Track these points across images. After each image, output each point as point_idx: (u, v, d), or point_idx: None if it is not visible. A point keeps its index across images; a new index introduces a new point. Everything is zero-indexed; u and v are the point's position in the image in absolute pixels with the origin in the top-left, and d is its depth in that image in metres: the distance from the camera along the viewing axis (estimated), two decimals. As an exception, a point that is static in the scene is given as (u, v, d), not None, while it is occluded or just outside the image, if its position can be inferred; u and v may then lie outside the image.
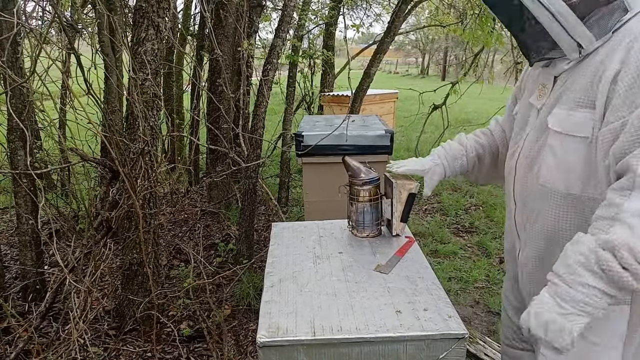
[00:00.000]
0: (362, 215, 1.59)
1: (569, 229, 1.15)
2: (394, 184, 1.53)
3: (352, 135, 2.68)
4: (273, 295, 1.30)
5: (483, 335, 2.55)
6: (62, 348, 2.08)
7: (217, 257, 3.37)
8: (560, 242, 1.13)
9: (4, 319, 2.39)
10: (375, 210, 1.60)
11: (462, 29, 4.99)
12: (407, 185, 1.53)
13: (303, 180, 2.84)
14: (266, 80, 3.02)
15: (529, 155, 1.23)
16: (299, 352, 1.12)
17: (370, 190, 1.57)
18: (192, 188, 4.45)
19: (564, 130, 1.11)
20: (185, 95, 5.24)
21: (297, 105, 5.59)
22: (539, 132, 1.21)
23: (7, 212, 4.27)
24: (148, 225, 2.37)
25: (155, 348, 2.36)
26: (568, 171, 1.12)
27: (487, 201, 4.92)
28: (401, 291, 1.31)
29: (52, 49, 2.72)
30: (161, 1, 2.19)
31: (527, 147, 1.25)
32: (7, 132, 2.46)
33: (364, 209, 1.58)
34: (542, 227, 1.21)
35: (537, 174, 1.19)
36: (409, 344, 1.12)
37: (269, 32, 8.94)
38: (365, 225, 1.61)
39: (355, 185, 1.57)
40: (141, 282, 2.47)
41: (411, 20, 13.26)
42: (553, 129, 1.14)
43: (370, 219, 1.60)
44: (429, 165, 1.51)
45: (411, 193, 1.54)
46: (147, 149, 2.25)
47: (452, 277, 3.29)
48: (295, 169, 5.17)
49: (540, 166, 1.18)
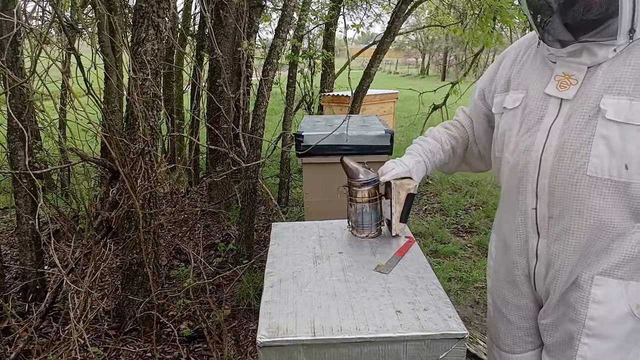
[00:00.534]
0: (362, 216, 1.58)
1: (615, 219, 1.15)
2: (392, 184, 1.51)
3: (352, 135, 2.67)
4: (273, 295, 1.30)
5: (483, 335, 2.55)
6: (62, 348, 2.08)
7: (217, 257, 3.37)
8: (605, 232, 1.15)
9: (4, 319, 2.39)
10: (375, 211, 1.58)
11: (462, 29, 4.99)
12: (406, 185, 1.51)
13: (303, 180, 2.84)
14: (266, 80, 3.02)
15: (569, 147, 1.17)
16: (299, 352, 1.12)
17: (369, 191, 1.55)
18: (192, 188, 4.45)
19: (626, 119, 1.09)
20: (185, 95, 5.24)
21: (297, 106, 5.59)
22: (581, 125, 1.16)
23: (7, 212, 4.27)
24: (148, 225, 2.37)
25: (155, 348, 2.36)
26: (625, 160, 1.11)
27: (487, 201, 4.93)
28: (401, 291, 1.31)
29: (52, 49, 2.72)
30: (161, 1, 2.19)
31: (563, 139, 1.19)
32: (7, 132, 2.46)
33: (363, 209, 1.57)
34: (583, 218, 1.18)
35: (584, 165, 1.15)
36: (409, 344, 1.12)
37: (269, 32, 8.97)
38: (365, 226, 1.60)
39: (354, 186, 1.56)
40: (141, 282, 2.47)
41: (411, 21, 13.29)
42: (611, 118, 1.11)
43: (370, 219, 1.59)
44: (412, 164, 1.51)
45: (410, 193, 1.52)
46: (147, 149, 2.26)
47: (452, 277, 3.29)
48: (295, 169, 5.18)
49: (588, 157, 1.14)
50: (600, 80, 1.14)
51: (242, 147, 3.23)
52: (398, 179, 1.51)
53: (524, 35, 6.39)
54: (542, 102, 1.25)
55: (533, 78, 1.30)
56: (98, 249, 2.42)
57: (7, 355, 2.14)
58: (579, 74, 1.18)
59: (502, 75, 1.40)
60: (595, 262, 1.20)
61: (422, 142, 1.58)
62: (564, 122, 1.19)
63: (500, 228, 1.46)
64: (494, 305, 1.52)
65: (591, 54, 1.15)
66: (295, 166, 4.81)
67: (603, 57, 1.14)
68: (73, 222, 3.18)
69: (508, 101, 1.35)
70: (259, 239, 3.68)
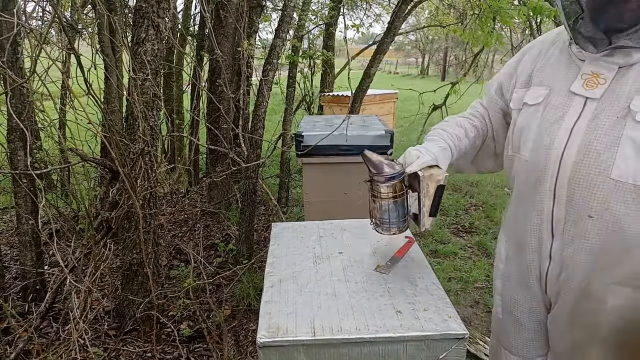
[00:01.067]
0: (387, 212, 1.41)
1: (635, 226, 1.10)
2: (420, 177, 1.35)
3: (352, 135, 2.67)
4: (273, 296, 1.30)
5: (483, 336, 2.55)
6: (62, 348, 2.08)
7: (217, 257, 3.37)
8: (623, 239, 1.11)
9: (4, 319, 2.39)
10: (401, 207, 1.41)
11: (462, 29, 4.99)
12: (435, 176, 1.35)
13: (303, 181, 2.84)
14: (266, 80, 3.02)
15: (594, 147, 1.13)
16: (299, 353, 1.12)
17: (394, 186, 1.38)
18: (192, 188, 4.45)
19: None
20: (185, 95, 5.24)
21: (297, 106, 5.59)
22: (607, 126, 1.12)
23: (7, 212, 4.27)
24: (148, 225, 2.37)
25: (155, 348, 2.36)
26: None
27: (487, 201, 4.93)
28: (401, 291, 1.31)
29: (52, 49, 2.72)
30: (161, 1, 2.19)
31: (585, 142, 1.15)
32: (7, 132, 2.46)
33: (389, 206, 1.40)
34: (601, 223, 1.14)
35: (608, 168, 1.11)
36: (409, 344, 1.12)
37: (269, 32, 8.95)
38: (392, 223, 1.43)
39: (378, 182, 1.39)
40: (141, 282, 2.47)
41: (411, 21, 13.27)
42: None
43: (397, 216, 1.42)
44: (437, 151, 1.39)
45: (440, 185, 1.36)
46: (147, 149, 2.26)
47: (452, 277, 3.29)
48: (295, 169, 5.17)
49: (614, 160, 1.10)
50: (632, 81, 1.10)
51: (242, 147, 3.23)
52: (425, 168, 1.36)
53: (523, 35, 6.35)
54: (566, 99, 1.20)
55: (558, 75, 1.25)
56: (98, 249, 2.42)
57: (7, 356, 2.14)
58: (608, 73, 1.14)
59: (523, 71, 1.35)
60: (611, 270, 1.15)
61: (446, 126, 1.47)
62: (589, 121, 1.14)
63: (513, 228, 1.39)
64: (504, 307, 1.46)
65: (625, 54, 1.12)
66: (295, 166, 4.81)
67: (637, 59, 1.10)
68: (73, 222, 3.18)
69: (529, 97, 1.29)
70: (259, 239, 3.68)
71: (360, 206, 2.68)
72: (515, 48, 4.92)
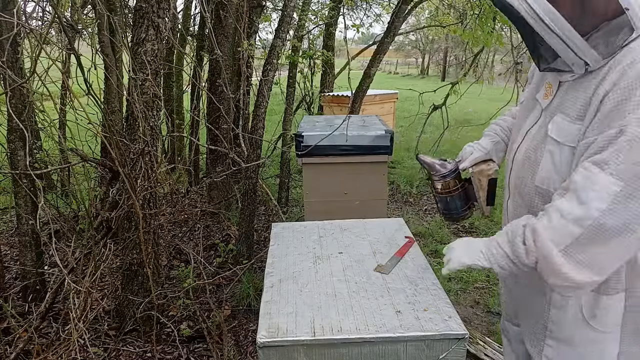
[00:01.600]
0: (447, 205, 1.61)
1: None
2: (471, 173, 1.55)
3: (352, 135, 2.68)
4: (273, 296, 1.30)
5: (483, 336, 2.55)
6: (62, 348, 2.08)
7: (217, 257, 3.37)
8: None
9: (4, 319, 2.39)
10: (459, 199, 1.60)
11: (462, 29, 4.99)
12: (485, 170, 1.54)
13: (303, 181, 2.84)
14: (266, 80, 3.02)
15: (529, 156, 1.26)
16: (299, 353, 1.12)
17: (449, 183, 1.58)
18: (192, 188, 4.45)
19: (562, 140, 1.16)
20: (185, 95, 5.24)
21: (297, 106, 5.58)
22: (541, 136, 1.23)
23: (7, 212, 4.27)
24: (148, 225, 2.37)
25: (155, 348, 2.36)
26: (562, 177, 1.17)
27: (487, 201, 4.92)
28: (401, 291, 1.31)
29: (52, 50, 2.72)
30: (161, 1, 2.19)
31: (526, 147, 1.28)
32: (7, 133, 2.46)
33: (447, 199, 1.60)
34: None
35: (535, 176, 1.23)
36: (409, 344, 1.12)
37: (269, 32, 8.96)
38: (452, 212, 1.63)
39: (434, 180, 1.60)
40: (141, 283, 2.47)
41: (411, 21, 13.27)
42: (552, 137, 1.18)
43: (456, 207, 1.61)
44: (490, 146, 1.55)
45: (491, 178, 1.54)
46: (147, 149, 2.25)
47: (452, 277, 3.29)
48: (295, 169, 5.17)
49: (540, 169, 1.22)
50: (560, 98, 1.21)
51: (242, 147, 3.22)
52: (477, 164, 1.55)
53: (523, 35, 6.35)
54: (532, 104, 1.33)
55: (538, 79, 1.36)
56: (98, 249, 2.42)
57: (7, 356, 2.14)
58: (554, 86, 1.25)
59: (532, 70, 1.45)
60: None
61: (501, 121, 1.61)
62: (538, 128, 1.27)
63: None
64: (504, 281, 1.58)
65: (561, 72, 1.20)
66: (295, 166, 4.81)
67: (566, 78, 1.19)
68: (73, 222, 3.18)
69: (523, 96, 1.42)
70: (259, 239, 3.68)
71: (360, 206, 2.70)
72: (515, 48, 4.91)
